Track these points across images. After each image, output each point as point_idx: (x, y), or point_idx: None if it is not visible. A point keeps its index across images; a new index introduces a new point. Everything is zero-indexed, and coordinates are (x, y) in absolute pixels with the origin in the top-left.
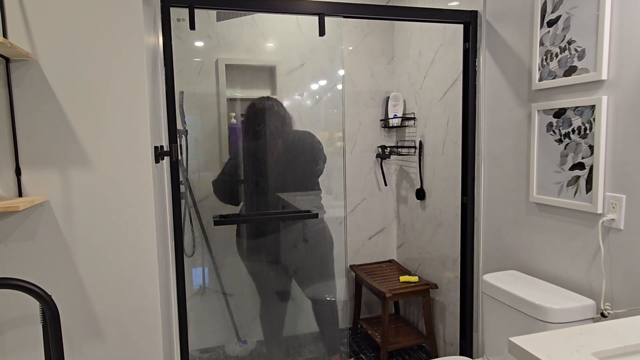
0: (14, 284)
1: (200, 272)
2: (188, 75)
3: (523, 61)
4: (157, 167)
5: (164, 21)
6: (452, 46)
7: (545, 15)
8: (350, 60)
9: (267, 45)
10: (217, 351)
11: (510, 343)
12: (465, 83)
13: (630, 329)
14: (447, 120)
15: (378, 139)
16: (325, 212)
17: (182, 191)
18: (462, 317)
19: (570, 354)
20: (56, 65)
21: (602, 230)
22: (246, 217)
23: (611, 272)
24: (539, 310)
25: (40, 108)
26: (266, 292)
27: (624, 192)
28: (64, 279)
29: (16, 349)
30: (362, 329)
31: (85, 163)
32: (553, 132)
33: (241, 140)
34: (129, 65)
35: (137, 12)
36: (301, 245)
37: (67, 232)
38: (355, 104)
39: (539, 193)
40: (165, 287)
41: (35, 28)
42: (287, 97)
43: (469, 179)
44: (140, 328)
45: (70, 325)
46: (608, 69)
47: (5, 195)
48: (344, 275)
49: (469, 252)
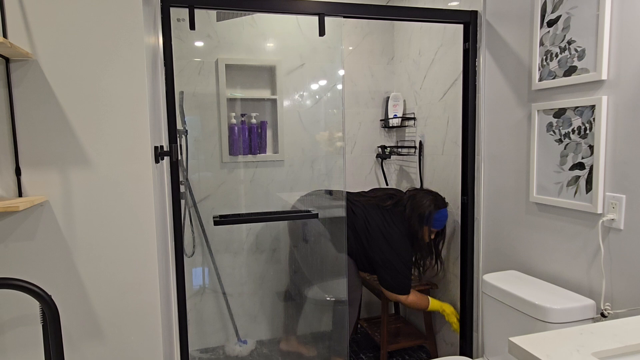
0: (14, 284)
1: (200, 272)
2: (188, 75)
3: (523, 61)
4: (157, 167)
5: (164, 21)
6: (452, 46)
7: (545, 15)
8: (350, 60)
9: (267, 45)
10: (217, 351)
11: (510, 343)
12: (465, 83)
13: (630, 329)
14: (447, 120)
15: (378, 139)
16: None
17: (182, 191)
18: (462, 317)
19: (570, 354)
20: (56, 65)
21: (602, 230)
22: (246, 217)
23: (611, 272)
24: (539, 310)
25: (40, 108)
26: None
27: (624, 192)
28: (64, 279)
29: (16, 349)
30: (362, 329)
31: (85, 163)
32: (553, 132)
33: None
34: (129, 65)
35: (137, 12)
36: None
37: (67, 232)
38: (355, 104)
39: (539, 193)
40: (165, 287)
41: (35, 28)
42: (287, 97)
43: (469, 179)
44: (140, 328)
45: (70, 325)
46: (608, 69)
47: (5, 195)
48: (345, 275)
49: (469, 252)
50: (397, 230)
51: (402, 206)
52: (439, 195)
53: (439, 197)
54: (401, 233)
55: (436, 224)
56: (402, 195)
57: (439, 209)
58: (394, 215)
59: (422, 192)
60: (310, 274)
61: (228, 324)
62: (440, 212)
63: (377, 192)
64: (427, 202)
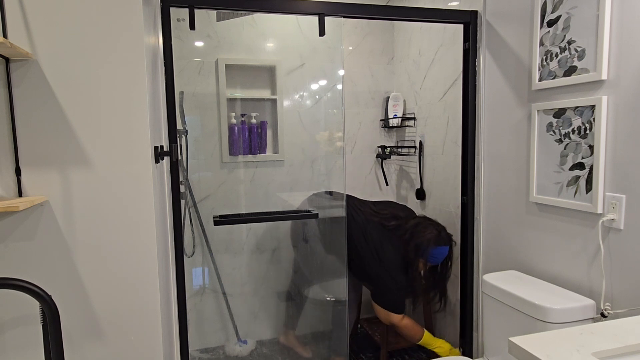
0: (14, 284)
1: (200, 272)
2: (188, 75)
3: (523, 61)
4: (157, 167)
5: (164, 21)
6: (452, 46)
7: (545, 15)
8: (350, 60)
9: (267, 45)
10: (217, 351)
11: (510, 343)
12: (465, 83)
13: (630, 329)
14: (447, 120)
15: (378, 139)
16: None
17: (182, 191)
18: (462, 317)
19: (570, 354)
20: (56, 65)
21: (602, 230)
22: (246, 217)
23: (611, 272)
24: (539, 310)
25: (40, 108)
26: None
27: (624, 192)
28: (64, 279)
29: (16, 349)
30: (362, 329)
31: (85, 163)
32: (553, 132)
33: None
34: (129, 65)
35: (137, 12)
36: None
37: (67, 232)
38: (355, 104)
39: (539, 193)
40: (165, 287)
41: (35, 28)
42: (287, 97)
43: (469, 179)
44: (140, 328)
45: (70, 325)
46: (608, 69)
47: (5, 195)
48: (345, 275)
49: (469, 252)
50: (392, 252)
51: (404, 230)
52: (445, 231)
53: (443, 233)
54: (395, 256)
55: (431, 259)
56: (409, 219)
57: (439, 246)
58: (392, 237)
59: (428, 222)
60: (310, 274)
61: (228, 324)
62: (439, 249)
63: (385, 207)
64: (429, 234)
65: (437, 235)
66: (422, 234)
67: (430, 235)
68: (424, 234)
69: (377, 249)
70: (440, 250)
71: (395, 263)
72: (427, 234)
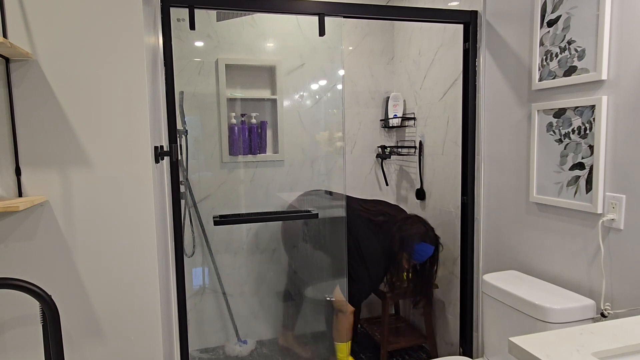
0: (14, 284)
1: (200, 272)
2: (188, 75)
3: (523, 61)
4: (157, 167)
5: (164, 21)
6: (452, 46)
7: (545, 15)
8: (350, 60)
9: (267, 45)
10: (217, 351)
11: (510, 343)
12: (465, 83)
13: (630, 329)
14: (447, 120)
15: (378, 139)
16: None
17: (182, 191)
18: (462, 317)
19: (570, 354)
20: (56, 65)
21: (602, 230)
22: (246, 217)
23: (611, 272)
24: (539, 310)
25: (40, 108)
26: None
27: (624, 192)
28: (64, 279)
29: (16, 349)
30: (362, 329)
31: (85, 163)
32: (553, 132)
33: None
34: (129, 65)
35: (137, 12)
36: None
37: (67, 232)
38: (355, 104)
39: (539, 193)
40: (165, 287)
41: (35, 28)
42: (287, 97)
43: (469, 179)
44: (140, 328)
45: (70, 325)
46: (608, 69)
47: (5, 195)
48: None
49: (469, 252)
50: (375, 246)
51: (393, 222)
52: (432, 231)
53: (430, 233)
54: (378, 250)
55: (415, 255)
56: (399, 216)
57: (424, 242)
58: (379, 230)
59: (417, 220)
60: (307, 275)
61: (228, 324)
62: (424, 246)
63: (376, 205)
64: (416, 230)
65: (425, 232)
66: (410, 227)
67: (418, 230)
68: (411, 228)
69: (358, 240)
70: (425, 248)
71: (375, 256)
72: (415, 229)
